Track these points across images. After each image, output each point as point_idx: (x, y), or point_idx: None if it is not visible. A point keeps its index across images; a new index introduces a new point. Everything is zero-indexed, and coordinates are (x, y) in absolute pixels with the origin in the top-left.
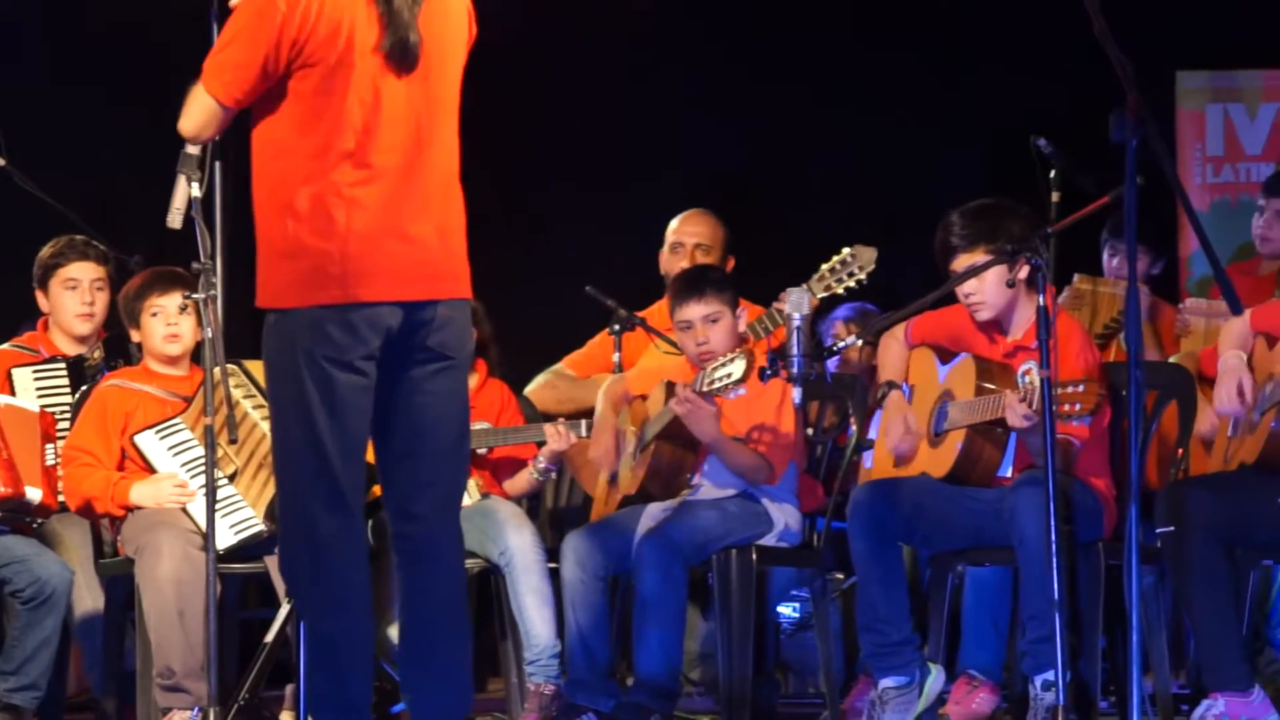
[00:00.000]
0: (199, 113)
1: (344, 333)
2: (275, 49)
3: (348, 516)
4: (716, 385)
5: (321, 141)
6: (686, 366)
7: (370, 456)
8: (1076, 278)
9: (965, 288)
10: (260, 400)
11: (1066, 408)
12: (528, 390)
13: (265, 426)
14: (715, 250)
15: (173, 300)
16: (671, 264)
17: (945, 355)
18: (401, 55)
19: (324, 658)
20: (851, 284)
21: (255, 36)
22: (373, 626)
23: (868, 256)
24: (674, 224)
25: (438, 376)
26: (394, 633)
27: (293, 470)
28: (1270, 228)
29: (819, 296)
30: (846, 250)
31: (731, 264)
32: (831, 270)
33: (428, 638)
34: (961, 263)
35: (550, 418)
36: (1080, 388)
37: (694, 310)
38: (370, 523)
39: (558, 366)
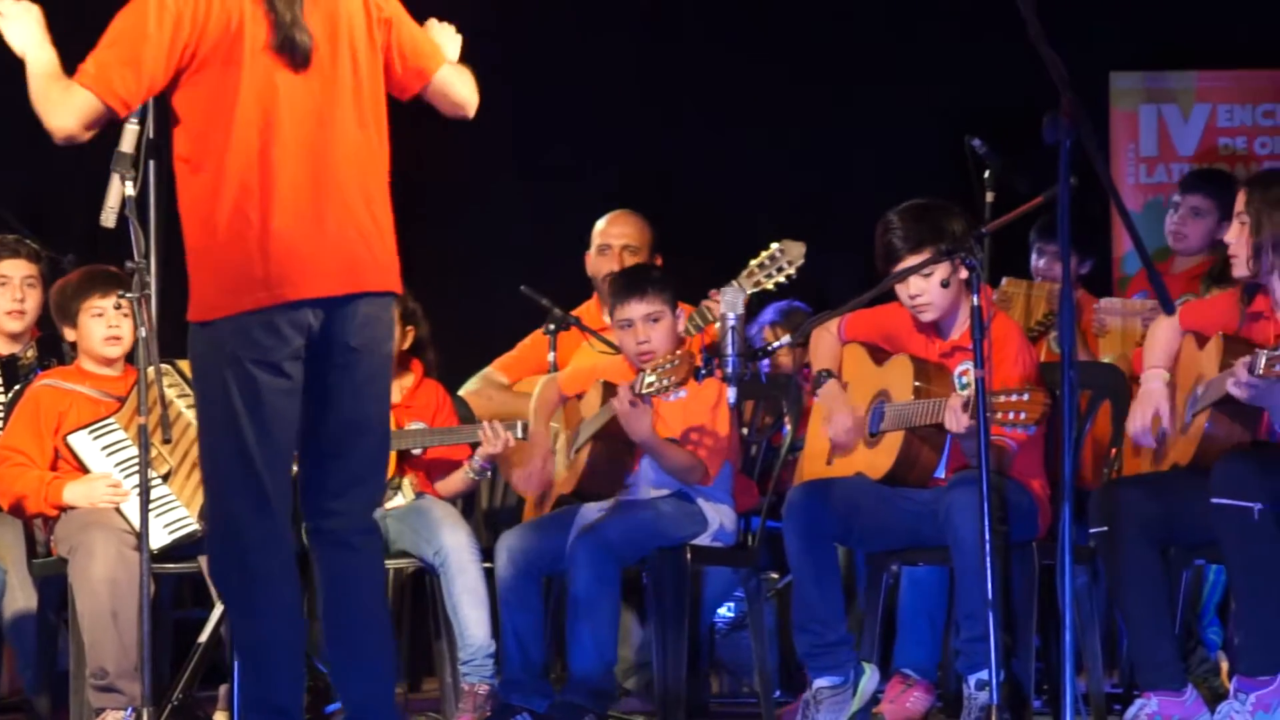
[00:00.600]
0: (78, 111)
1: (267, 334)
2: (164, 49)
3: (274, 519)
4: (656, 387)
5: (224, 144)
6: (622, 366)
7: None
8: (1005, 281)
9: (912, 289)
10: (194, 400)
11: (1011, 415)
12: (460, 393)
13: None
14: (643, 251)
15: (113, 301)
16: (598, 266)
17: (879, 354)
18: (291, 52)
19: (253, 660)
20: (781, 279)
21: (143, 36)
22: (304, 628)
23: (796, 251)
24: (600, 225)
25: (361, 376)
26: None
27: (219, 474)
28: (1184, 224)
29: (749, 292)
30: (775, 245)
31: (660, 263)
32: (760, 266)
33: (353, 627)
34: (907, 264)
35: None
36: (1025, 396)
37: (635, 309)
38: (305, 528)
39: (488, 371)
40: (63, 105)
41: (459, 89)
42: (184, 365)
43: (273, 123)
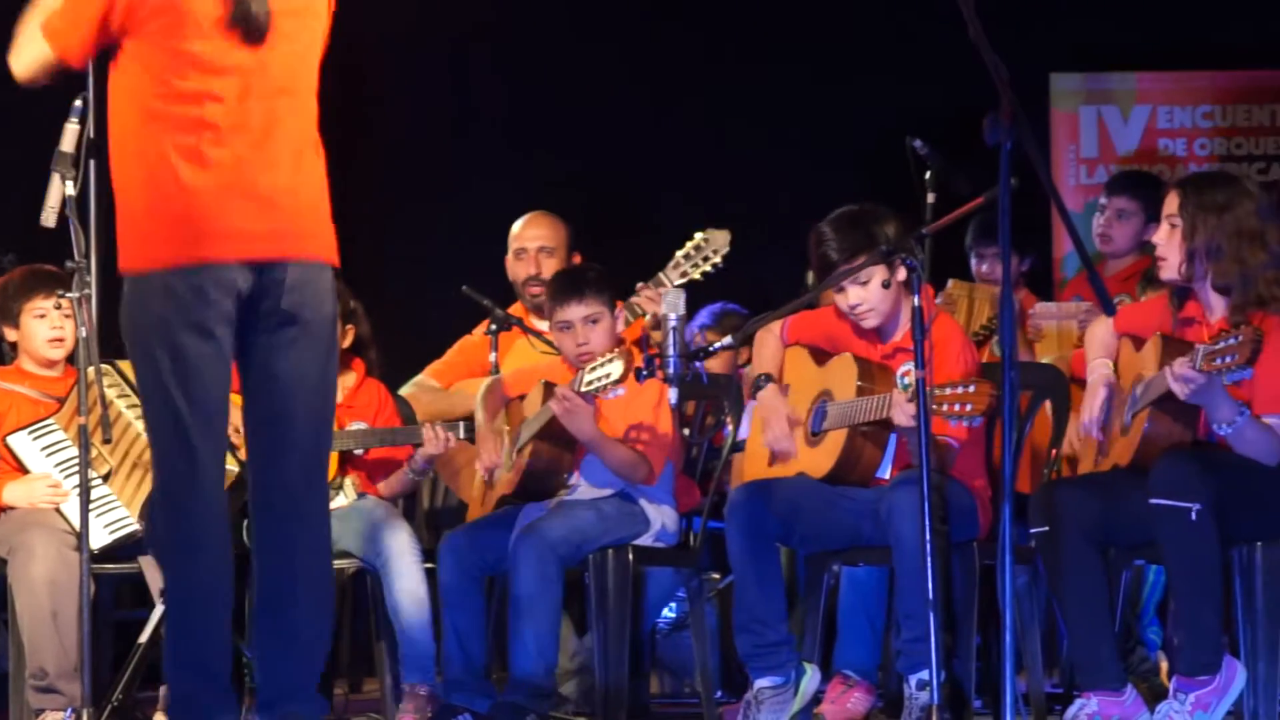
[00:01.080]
0: (32, 60)
1: (194, 296)
2: (110, 8)
3: (205, 481)
4: (595, 385)
5: (165, 103)
6: (563, 366)
7: None
8: (951, 283)
9: (851, 299)
10: (134, 400)
11: (956, 408)
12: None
13: (139, 426)
14: (559, 251)
15: (54, 302)
16: (517, 269)
17: (821, 356)
18: (245, 25)
19: (182, 622)
20: (708, 268)
21: None
22: (229, 592)
23: (721, 239)
24: (515, 228)
25: (296, 341)
26: None
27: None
28: (1110, 227)
29: (677, 284)
30: (699, 235)
31: (578, 260)
32: (686, 256)
33: (284, 601)
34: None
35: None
36: (970, 388)
37: (574, 311)
38: (244, 523)
39: (420, 378)
40: (24, 49)
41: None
42: (125, 366)
43: (215, 91)
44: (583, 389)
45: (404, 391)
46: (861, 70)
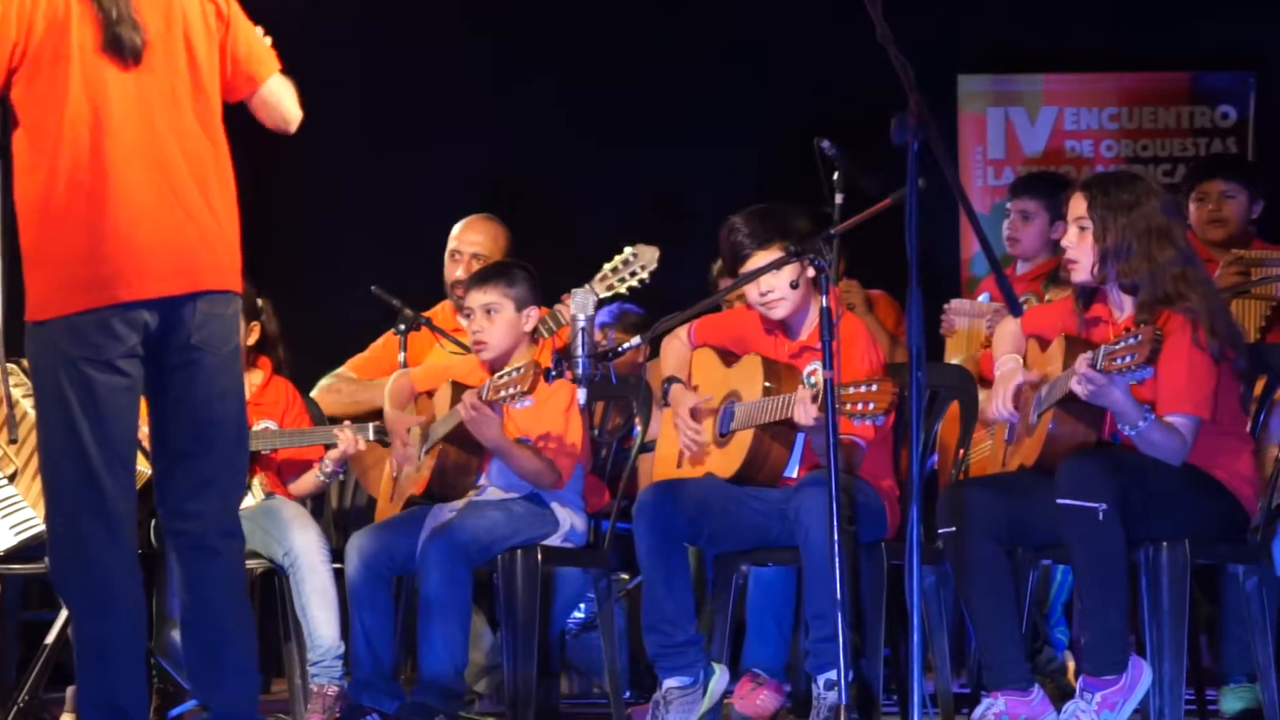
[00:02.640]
0: None
1: (101, 333)
2: (11, 51)
3: (114, 520)
4: (502, 395)
5: (56, 143)
6: (474, 365)
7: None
8: (841, 282)
9: (762, 285)
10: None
11: (860, 407)
12: (313, 393)
13: None
14: (493, 258)
15: None
16: (450, 271)
17: (729, 358)
18: (118, 49)
19: (93, 661)
20: (634, 283)
21: None
22: (144, 629)
23: (649, 255)
24: (454, 231)
25: (203, 376)
26: (179, 635)
27: (56, 475)
28: (1015, 229)
29: (602, 296)
30: (628, 249)
31: None
32: (614, 270)
33: (217, 628)
34: (756, 262)
35: (336, 420)
36: (874, 387)
37: (475, 298)
38: (152, 523)
39: (341, 370)
40: None
41: (286, 102)
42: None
43: (103, 120)
44: (488, 398)
45: (323, 383)
46: (771, 71)
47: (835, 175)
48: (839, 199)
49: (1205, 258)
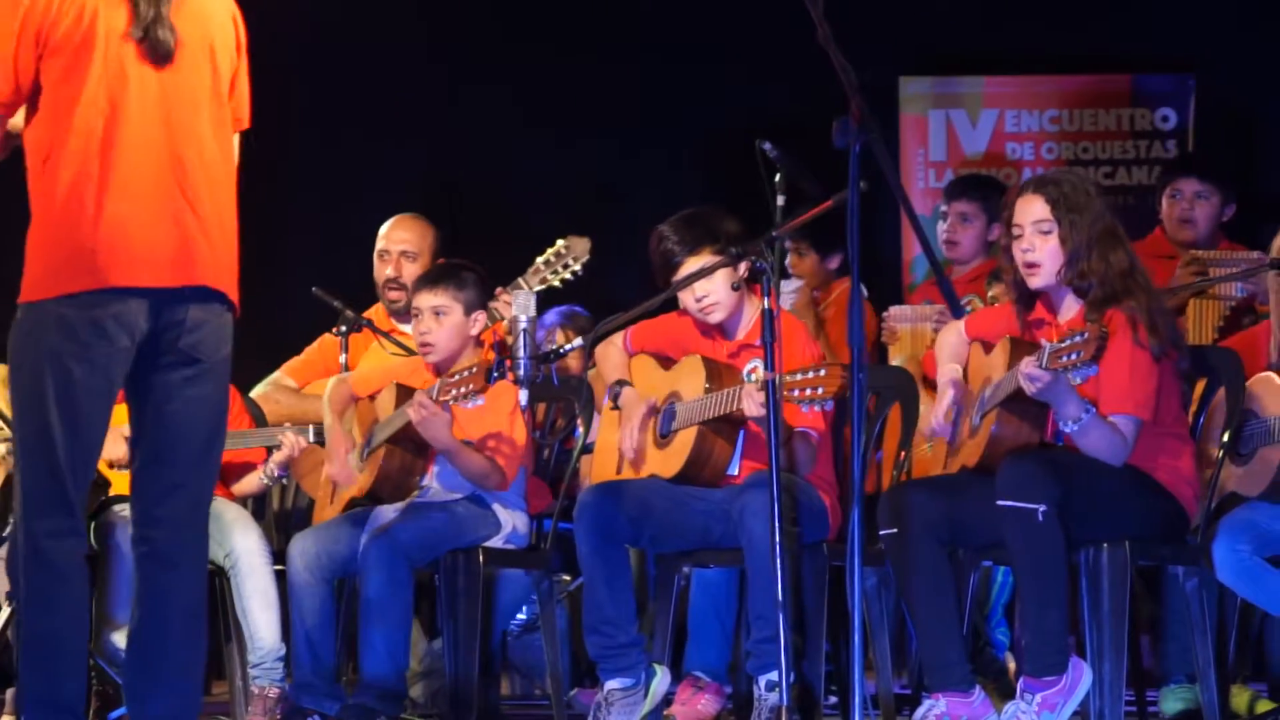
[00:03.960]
0: None
1: (91, 331)
2: (22, 41)
3: (70, 518)
4: (453, 394)
5: (68, 130)
6: (416, 367)
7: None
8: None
9: (697, 290)
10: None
11: (808, 392)
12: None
13: None
14: (423, 256)
15: None
16: (379, 270)
17: (667, 362)
18: (151, 47)
19: (41, 658)
20: (567, 275)
21: (3, 34)
22: (87, 628)
23: (581, 247)
24: (383, 230)
25: (189, 382)
26: (119, 638)
27: (26, 467)
28: (954, 232)
29: (536, 290)
30: (561, 242)
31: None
32: (546, 263)
33: (160, 643)
34: (688, 268)
35: (276, 424)
36: (821, 372)
37: (424, 299)
38: (93, 525)
39: (276, 376)
40: None
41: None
42: None
43: (120, 112)
44: (439, 398)
45: (258, 391)
46: (716, 71)
47: (777, 177)
48: (780, 200)
49: (1167, 254)
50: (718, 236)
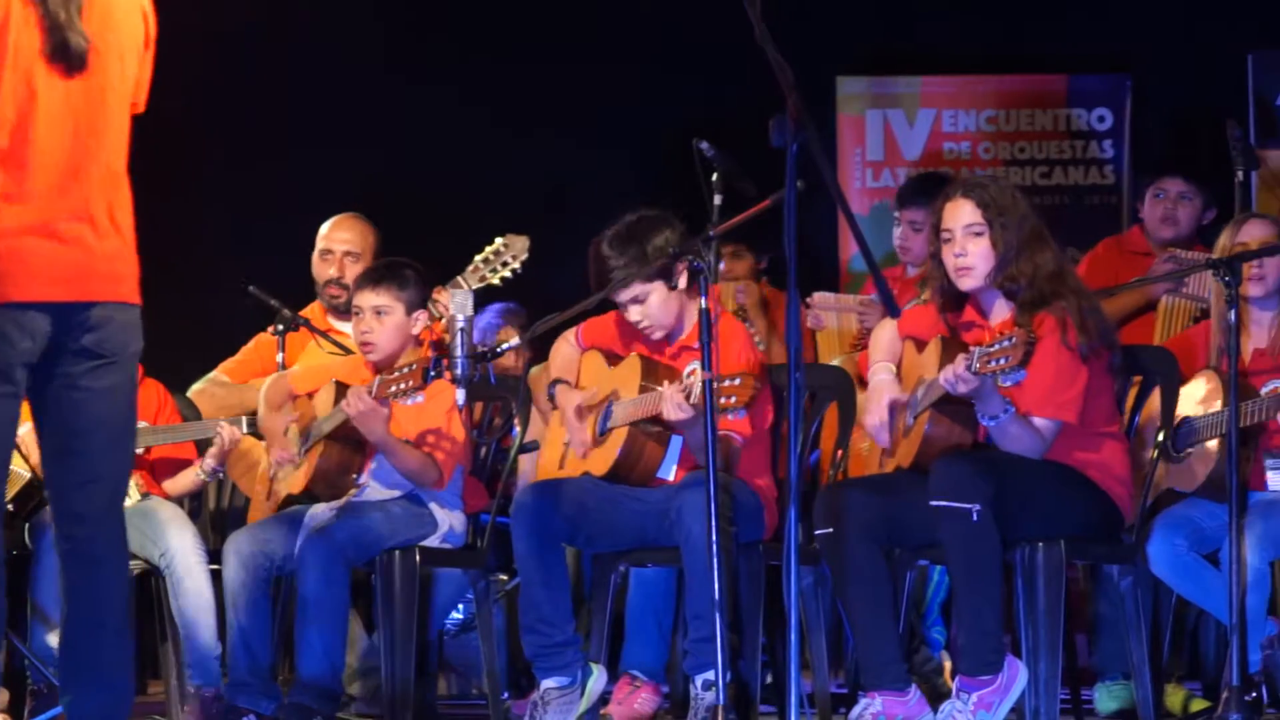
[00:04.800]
0: None
1: None
2: None
3: None
4: (393, 390)
5: None
6: (355, 365)
7: None
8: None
9: (632, 316)
10: None
11: (724, 400)
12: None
13: None
14: (365, 256)
15: None
16: (321, 269)
17: (614, 359)
18: (64, 56)
19: None
20: (506, 273)
21: None
22: (2, 629)
23: (520, 245)
24: (324, 229)
25: (94, 374)
26: (53, 638)
27: None
28: (906, 239)
29: (475, 288)
30: (499, 240)
31: None
32: (485, 261)
33: (92, 641)
34: (623, 290)
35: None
36: (737, 381)
37: (365, 298)
38: (26, 526)
39: (213, 374)
40: None
41: None
42: None
43: (27, 124)
44: (379, 393)
45: (196, 387)
46: (650, 71)
47: (714, 177)
48: (718, 200)
49: (1143, 251)
50: (649, 259)
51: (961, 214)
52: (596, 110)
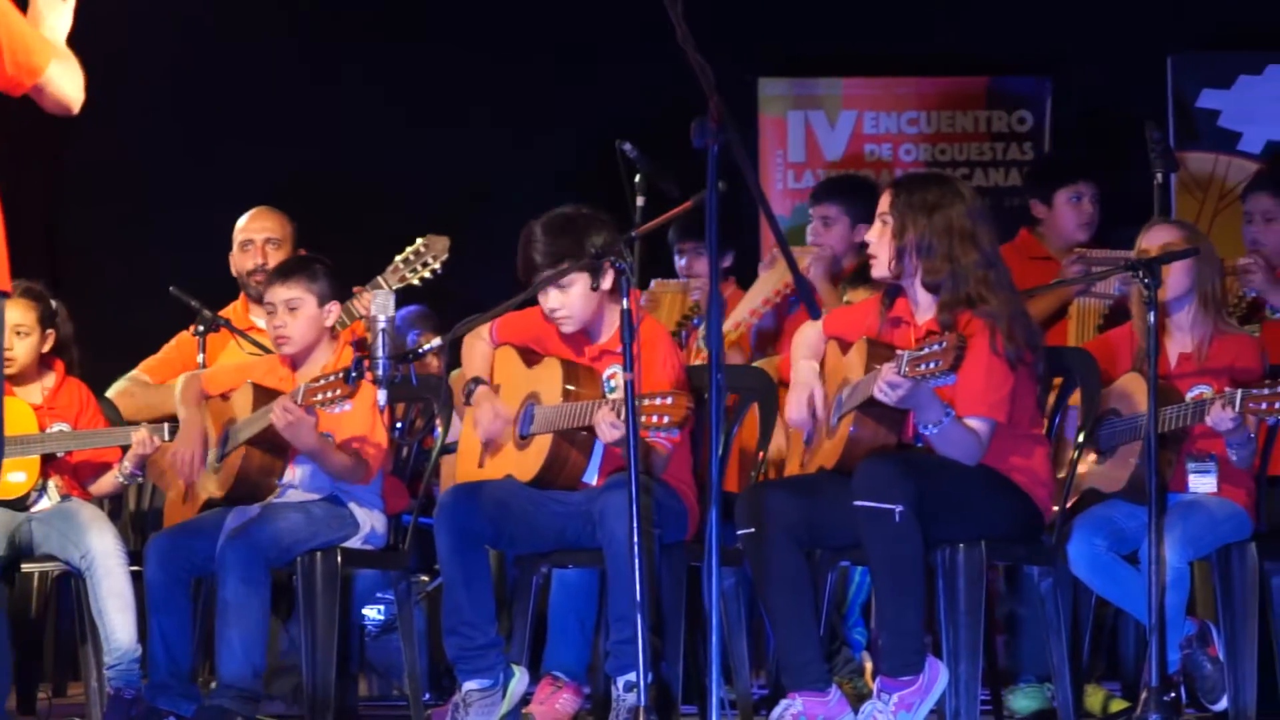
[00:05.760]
0: None
1: None
2: None
3: None
4: (318, 399)
5: None
6: (271, 365)
7: None
8: (654, 283)
9: (550, 302)
10: None
11: (655, 419)
12: (107, 394)
13: None
14: (286, 244)
15: None
16: (242, 262)
17: (531, 356)
18: None
19: None
20: (426, 274)
21: None
22: None
23: (440, 245)
24: (242, 222)
25: None
26: None
27: None
28: (818, 235)
29: (395, 288)
30: (420, 240)
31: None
32: (405, 261)
33: None
34: (545, 276)
35: (132, 423)
36: (669, 400)
37: (277, 293)
38: None
39: (134, 373)
40: None
41: (65, 88)
42: None
43: None
44: (305, 401)
45: (117, 386)
46: (574, 72)
47: (636, 178)
48: (640, 201)
49: (1042, 256)
50: (583, 250)
51: (881, 204)
52: (519, 110)
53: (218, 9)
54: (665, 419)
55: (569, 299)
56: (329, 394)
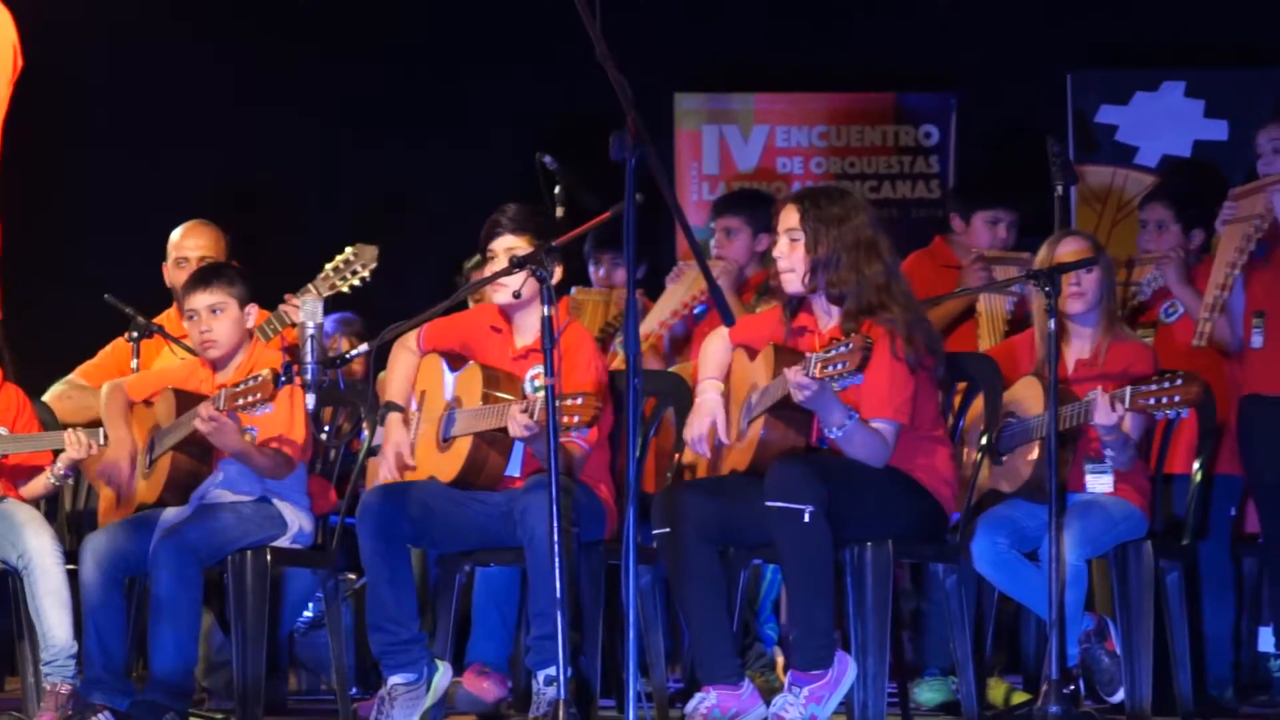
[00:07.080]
0: None
1: None
2: None
3: None
4: (240, 403)
5: None
6: (192, 368)
7: None
8: (575, 290)
9: (499, 262)
10: None
11: (566, 419)
12: (44, 398)
13: None
14: (220, 259)
15: None
16: (176, 277)
17: (456, 361)
18: None
19: None
20: (355, 281)
21: None
22: None
23: (370, 254)
24: (175, 237)
25: None
26: None
27: None
28: (721, 247)
29: (326, 296)
30: (349, 249)
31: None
32: (335, 270)
33: None
34: (504, 242)
35: (68, 425)
36: (579, 400)
37: (199, 300)
38: None
39: (71, 377)
40: None
41: None
42: None
43: None
44: (227, 406)
45: (54, 390)
46: (493, 83)
47: (556, 189)
48: (560, 211)
49: (954, 264)
50: (546, 235)
51: (787, 219)
52: (443, 123)
53: (150, 23)
54: (575, 418)
55: (503, 293)
56: (249, 398)
